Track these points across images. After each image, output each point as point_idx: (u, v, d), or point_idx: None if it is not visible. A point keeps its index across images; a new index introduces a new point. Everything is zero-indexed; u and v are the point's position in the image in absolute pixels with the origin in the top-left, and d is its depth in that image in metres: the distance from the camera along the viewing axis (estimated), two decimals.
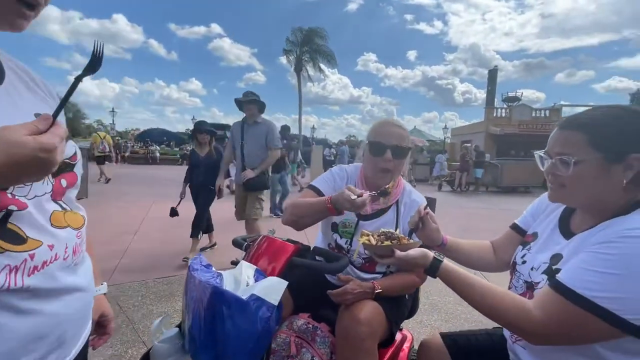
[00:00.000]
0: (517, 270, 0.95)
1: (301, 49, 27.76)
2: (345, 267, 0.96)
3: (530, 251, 0.94)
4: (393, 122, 1.26)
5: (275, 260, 0.94)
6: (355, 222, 1.27)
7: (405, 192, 1.32)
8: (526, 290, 0.89)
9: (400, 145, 1.20)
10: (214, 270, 0.85)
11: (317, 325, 1.20)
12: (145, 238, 4.26)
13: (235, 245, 1.13)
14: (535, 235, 0.97)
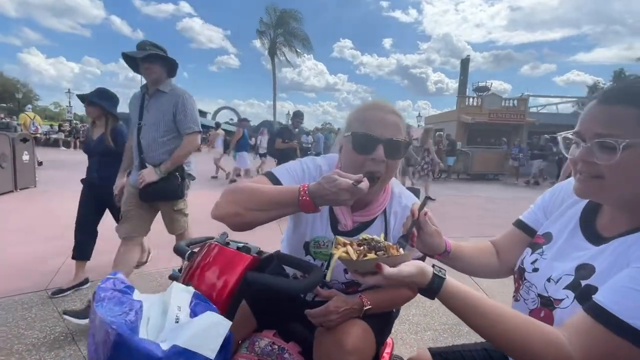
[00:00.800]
0: (527, 279, 0.78)
1: (275, 31, 26.77)
2: (317, 284, 0.74)
3: (544, 256, 0.77)
4: (386, 106, 0.91)
5: (225, 274, 0.72)
6: (332, 240, 0.97)
7: (394, 197, 1.01)
8: (540, 307, 0.72)
9: (396, 139, 0.87)
10: (134, 297, 0.60)
11: (285, 347, 0.99)
12: (100, 232, 3.84)
13: (176, 253, 0.88)
14: (549, 236, 0.80)
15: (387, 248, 0.65)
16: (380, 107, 0.90)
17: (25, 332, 1.93)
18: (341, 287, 1.02)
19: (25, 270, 2.71)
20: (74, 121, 22.11)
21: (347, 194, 0.74)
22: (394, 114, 0.90)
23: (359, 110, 0.93)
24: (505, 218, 5.75)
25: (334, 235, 0.97)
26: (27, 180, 6.05)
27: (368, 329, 0.93)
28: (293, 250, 1.04)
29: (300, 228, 1.02)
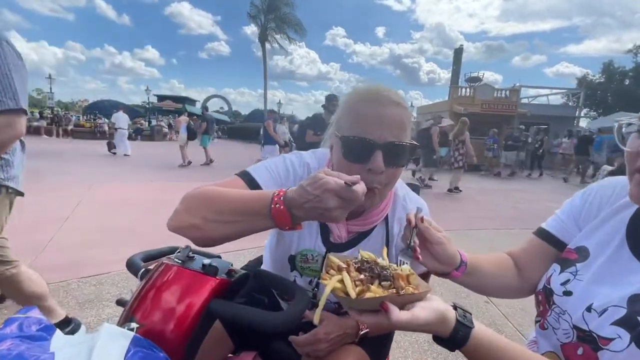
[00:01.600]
0: (556, 304, 0.64)
1: (266, 16, 26.02)
2: (300, 316, 0.58)
3: (579, 277, 0.63)
4: (386, 96, 0.69)
5: (183, 303, 0.56)
6: (322, 253, 0.81)
7: (398, 201, 0.83)
8: (578, 342, 0.58)
9: (398, 143, 0.67)
10: (51, 343, 0.44)
11: None
12: (76, 227, 3.63)
13: (129, 270, 0.72)
14: (584, 252, 0.65)
15: (396, 278, 0.49)
16: (378, 99, 0.68)
17: None
18: (332, 306, 0.86)
19: None
20: (55, 108, 21.29)
21: (334, 200, 0.52)
22: (396, 106, 0.68)
23: (351, 102, 0.71)
24: (494, 210, 5.72)
25: (324, 248, 0.81)
26: None
27: (364, 357, 0.79)
28: (276, 263, 0.88)
29: (284, 237, 0.85)
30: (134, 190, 5.55)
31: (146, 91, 27.79)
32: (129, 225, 3.77)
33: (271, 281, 0.71)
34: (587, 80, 32.17)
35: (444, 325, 0.49)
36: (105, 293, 2.31)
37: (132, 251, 0.80)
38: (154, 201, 4.81)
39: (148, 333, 0.52)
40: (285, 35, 26.50)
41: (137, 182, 6.33)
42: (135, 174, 7.28)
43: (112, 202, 4.76)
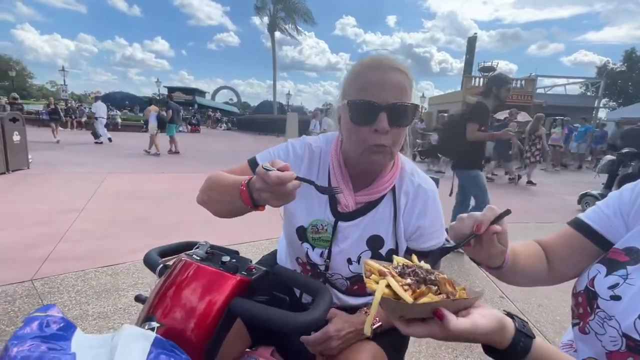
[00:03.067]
0: (601, 309, 0.59)
1: (275, 6, 25.70)
2: (324, 316, 0.56)
3: (630, 282, 0.57)
4: (387, 62, 0.73)
5: (204, 301, 0.54)
6: (332, 223, 0.83)
7: (406, 174, 0.85)
8: (628, 351, 0.54)
9: (401, 104, 0.71)
10: (72, 342, 0.43)
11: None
12: (92, 217, 3.69)
13: (146, 265, 0.70)
14: (636, 254, 0.60)
15: (442, 283, 0.45)
16: (380, 65, 0.72)
17: (7, 329, 1.80)
18: (345, 283, 0.87)
19: (9, 259, 2.56)
20: (70, 100, 21.61)
21: (260, 183, 0.58)
22: (397, 71, 0.72)
23: (355, 71, 0.75)
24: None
25: (333, 217, 0.83)
26: (19, 161, 5.85)
27: (379, 352, 0.77)
28: (290, 238, 0.91)
29: (294, 211, 0.87)
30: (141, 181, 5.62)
31: (157, 83, 28.04)
32: (144, 211, 3.83)
33: (290, 278, 0.69)
34: (607, 69, 30.98)
35: (502, 334, 0.45)
36: (121, 283, 2.35)
37: (143, 242, 0.78)
38: (131, 191, 4.86)
39: (168, 333, 0.51)
40: (294, 25, 26.18)
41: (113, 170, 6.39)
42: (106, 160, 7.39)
43: (123, 193, 4.83)
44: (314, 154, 0.86)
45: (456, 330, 0.41)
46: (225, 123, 27.90)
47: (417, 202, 0.83)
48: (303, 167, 0.85)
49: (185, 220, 3.67)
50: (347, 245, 0.83)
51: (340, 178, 0.82)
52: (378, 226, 0.83)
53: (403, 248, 0.84)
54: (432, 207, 0.83)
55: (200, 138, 16.15)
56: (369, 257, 0.79)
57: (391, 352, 0.81)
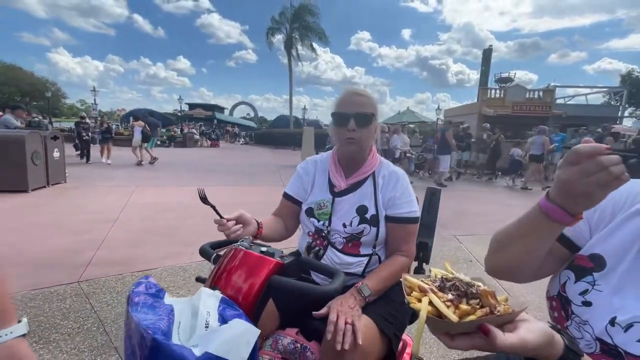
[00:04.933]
0: (576, 314, 0.64)
1: (291, 26, 26.68)
2: (340, 289, 0.74)
3: (598, 288, 0.62)
4: (355, 90, 1.17)
5: (251, 278, 0.73)
6: (330, 200, 1.18)
7: (383, 164, 1.23)
8: (602, 354, 0.60)
9: (362, 113, 1.11)
10: (165, 301, 0.63)
11: (307, 345, 1.01)
12: (125, 227, 4.00)
13: (202, 256, 0.91)
14: (599, 261, 0.64)
15: (484, 295, 0.45)
16: (350, 92, 1.15)
17: (61, 322, 2.05)
18: (342, 241, 1.15)
19: (59, 263, 2.86)
20: (98, 118, 22.95)
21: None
22: (360, 95, 1.13)
23: (337, 98, 1.17)
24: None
25: (331, 195, 1.18)
26: (58, 176, 6.36)
27: (370, 324, 0.96)
28: (302, 219, 1.23)
29: (305, 199, 1.23)
30: (170, 194, 5.97)
31: (179, 100, 29.30)
32: (171, 221, 4.11)
33: (313, 264, 0.88)
34: (632, 77, 30.01)
35: (550, 350, 0.45)
36: (166, 279, 2.58)
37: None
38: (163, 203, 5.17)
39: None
40: (309, 43, 27.01)
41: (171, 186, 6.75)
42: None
43: (152, 204, 5.16)
44: (317, 163, 1.28)
45: (504, 345, 0.41)
46: (244, 137, 28.70)
47: (390, 181, 1.17)
48: (314, 172, 1.26)
49: (210, 230, 3.92)
50: (342, 213, 1.15)
51: (334, 169, 1.21)
52: (363, 198, 1.15)
53: (382, 214, 1.14)
54: (401, 184, 1.16)
55: (220, 152, 16.74)
56: (358, 222, 1.11)
57: (381, 321, 0.98)
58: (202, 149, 18.48)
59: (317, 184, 1.23)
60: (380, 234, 1.13)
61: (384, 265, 1.13)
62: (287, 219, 1.26)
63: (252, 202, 5.54)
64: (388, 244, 1.17)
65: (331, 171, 1.22)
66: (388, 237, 1.15)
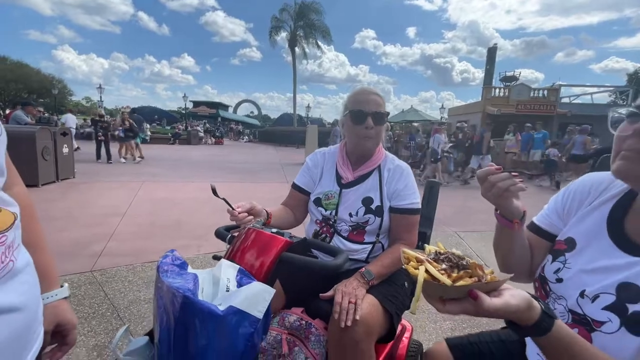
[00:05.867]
0: (552, 291, 0.74)
1: (295, 24, 26.72)
2: (343, 264, 0.83)
3: (568, 266, 0.72)
4: (370, 89, 1.22)
5: (263, 255, 0.82)
6: (337, 191, 1.25)
7: (388, 157, 1.30)
8: (573, 323, 0.68)
9: (379, 112, 1.19)
10: (188, 271, 0.71)
11: (311, 322, 1.09)
12: (133, 220, 4.11)
13: (218, 237, 1.00)
14: (571, 242, 0.74)
15: (473, 267, 0.51)
16: (366, 91, 1.21)
17: (77, 308, 2.16)
18: (348, 229, 1.23)
19: (72, 254, 2.97)
20: (106, 116, 23.19)
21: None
22: (376, 94, 1.20)
23: (352, 95, 1.23)
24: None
25: (339, 187, 1.25)
26: (67, 171, 6.49)
27: (374, 301, 1.04)
28: (310, 208, 1.32)
29: (315, 185, 1.32)
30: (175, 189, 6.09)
31: (183, 98, 29.46)
32: (177, 216, 4.22)
33: (318, 245, 0.96)
34: (638, 76, 29.68)
35: (529, 313, 0.51)
36: None
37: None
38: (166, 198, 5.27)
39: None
40: (314, 41, 27.04)
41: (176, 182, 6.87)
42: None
43: (158, 199, 5.27)
44: (325, 155, 1.35)
45: (490, 308, 0.47)
46: (247, 135, 28.84)
47: (395, 174, 1.24)
48: (323, 164, 1.33)
49: (216, 224, 4.02)
50: (349, 204, 1.23)
51: (342, 162, 1.29)
52: (369, 190, 1.23)
53: (387, 205, 1.22)
54: (405, 177, 1.23)
55: (224, 150, 16.86)
56: (364, 212, 1.19)
57: (383, 300, 1.06)
58: (207, 147, 18.61)
59: (325, 175, 1.31)
60: (384, 223, 1.21)
61: (387, 252, 1.21)
62: (296, 209, 1.34)
63: (257, 198, 5.59)
64: (391, 232, 1.25)
65: (339, 163, 1.29)
66: (391, 226, 1.23)
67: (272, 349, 1.05)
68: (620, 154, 0.61)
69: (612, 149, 0.63)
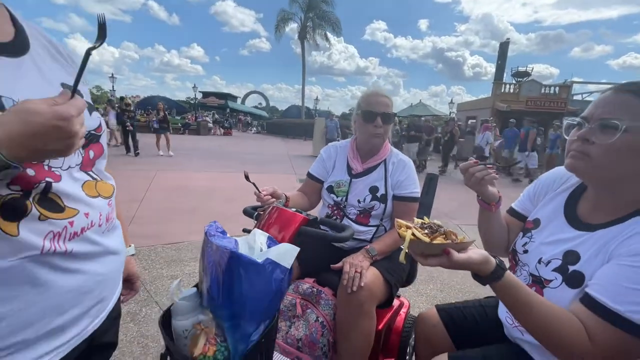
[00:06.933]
0: (520, 260, 0.91)
1: (306, 15, 26.58)
2: (350, 237, 1.02)
3: (533, 240, 0.89)
4: (380, 92, 1.40)
5: (285, 229, 1.00)
6: (348, 181, 1.44)
7: (393, 152, 1.48)
8: (532, 284, 0.85)
9: (387, 112, 1.37)
10: (229, 237, 0.90)
11: (321, 289, 1.29)
12: (150, 206, 4.36)
13: (246, 215, 1.19)
14: (537, 222, 0.92)
15: (448, 233, 0.68)
16: (377, 93, 1.39)
17: None
18: (356, 212, 1.41)
19: None
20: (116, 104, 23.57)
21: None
22: (385, 97, 1.38)
23: (364, 96, 1.41)
24: None
25: (349, 176, 1.43)
26: None
27: (377, 272, 1.22)
28: (323, 194, 1.50)
29: (327, 176, 1.50)
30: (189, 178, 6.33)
31: (193, 89, 29.72)
32: (192, 202, 4.45)
33: (329, 222, 1.15)
34: None
35: (487, 265, 0.67)
36: (184, 256, 2.92)
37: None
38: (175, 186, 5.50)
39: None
40: (323, 33, 26.91)
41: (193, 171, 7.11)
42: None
43: (172, 187, 5.52)
44: (338, 148, 1.53)
45: (458, 260, 0.63)
46: (256, 127, 29.03)
47: (399, 167, 1.42)
48: (335, 157, 1.49)
49: (229, 211, 4.25)
50: (357, 192, 1.41)
51: (352, 155, 1.47)
52: (376, 180, 1.40)
53: (390, 194, 1.39)
54: (407, 170, 1.41)
55: (233, 141, 17.09)
56: (370, 199, 1.38)
57: (384, 272, 1.25)
58: (216, 137, 18.86)
59: (337, 166, 1.49)
60: (387, 209, 1.40)
61: (389, 233, 1.40)
62: (310, 195, 1.53)
63: None
64: (392, 217, 1.43)
65: (350, 156, 1.47)
66: (393, 211, 1.42)
67: (288, 311, 1.25)
68: (570, 153, 0.77)
69: (565, 149, 0.80)
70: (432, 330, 1.15)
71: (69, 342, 0.60)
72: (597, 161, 0.71)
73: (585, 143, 0.73)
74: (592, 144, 0.72)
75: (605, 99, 0.73)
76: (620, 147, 0.68)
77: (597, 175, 0.75)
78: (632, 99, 0.69)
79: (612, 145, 0.68)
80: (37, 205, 0.52)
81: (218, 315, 0.80)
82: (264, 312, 0.78)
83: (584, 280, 0.73)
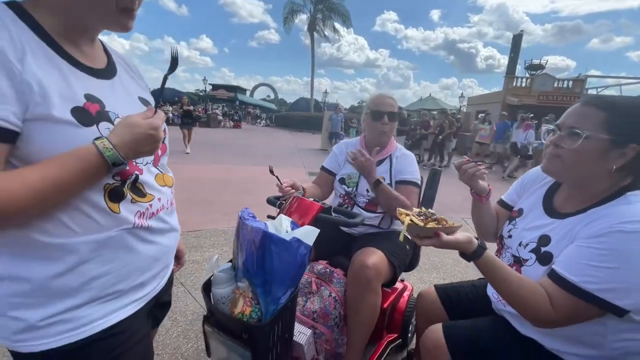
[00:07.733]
0: (505, 244, 1.07)
1: (315, 7, 26.43)
2: (360, 222, 1.19)
3: (516, 227, 1.04)
4: (386, 95, 1.61)
5: (305, 216, 1.18)
6: (358, 173, 1.61)
7: (397, 147, 1.68)
8: (513, 263, 0.99)
9: (392, 112, 1.58)
10: (260, 221, 1.09)
11: (334, 270, 1.47)
12: None
13: (269, 203, 1.37)
14: (521, 211, 1.07)
15: (440, 219, 0.85)
16: (383, 96, 1.61)
17: None
18: (365, 201, 1.60)
19: None
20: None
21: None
22: (390, 98, 1.60)
23: (372, 99, 1.62)
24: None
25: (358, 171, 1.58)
26: None
27: (382, 255, 1.39)
28: (335, 185, 1.71)
29: (340, 169, 1.71)
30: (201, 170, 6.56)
31: (203, 81, 30.02)
32: (207, 194, 4.67)
33: (342, 211, 1.33)
34: None
35: (470, 245, 0.83)
36: (204, 243, 3.14)
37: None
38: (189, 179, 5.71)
39: None
40: (333, 25, 26.75)
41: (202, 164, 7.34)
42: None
43: (186, 179, 5.75)
44: (349, 145, 1.75)
45: (447, 241, 0.80)
46: (265, 120, 29.21)
47: (402, 159, 1.63)
48: (346, 152, 1.63)
49: (244, 203, 4.45)
50: (366, 182, 1.55)
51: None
52: (382, 172, 1.59)
53: (393, 181, 1.54)
54: (409, 161, 1.62)
55: (243, 133, 17.31)
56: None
57: (389, 254, 1.41)
58: (226, 130, 19.10)
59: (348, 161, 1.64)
60: None
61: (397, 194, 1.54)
62: (323, 186, 1.71)
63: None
64: None
65: None
66: None
67: (304, 288, 1.44)
68: (545, 156, 0.92)
69: (543, 152, 0.95)
70: (430, 305, 1.31)
71: (146, 295, 0.79)
72: (566, 163, 0.86)
73: (556, 148, 0.88)
74: (562, 148, 0.87)
75: (574, 109, 0.88)
76: (582, 151, 0.82)
77: (566, 174, 0.90)
78: (594, 111, 0.82)
79: (576, 150, 0.83)
80: (130, 191, 0.71)
81: (253, 283, 0.98)
82: (291, 281, 0.96)
83: (552, 259, 0.88)
